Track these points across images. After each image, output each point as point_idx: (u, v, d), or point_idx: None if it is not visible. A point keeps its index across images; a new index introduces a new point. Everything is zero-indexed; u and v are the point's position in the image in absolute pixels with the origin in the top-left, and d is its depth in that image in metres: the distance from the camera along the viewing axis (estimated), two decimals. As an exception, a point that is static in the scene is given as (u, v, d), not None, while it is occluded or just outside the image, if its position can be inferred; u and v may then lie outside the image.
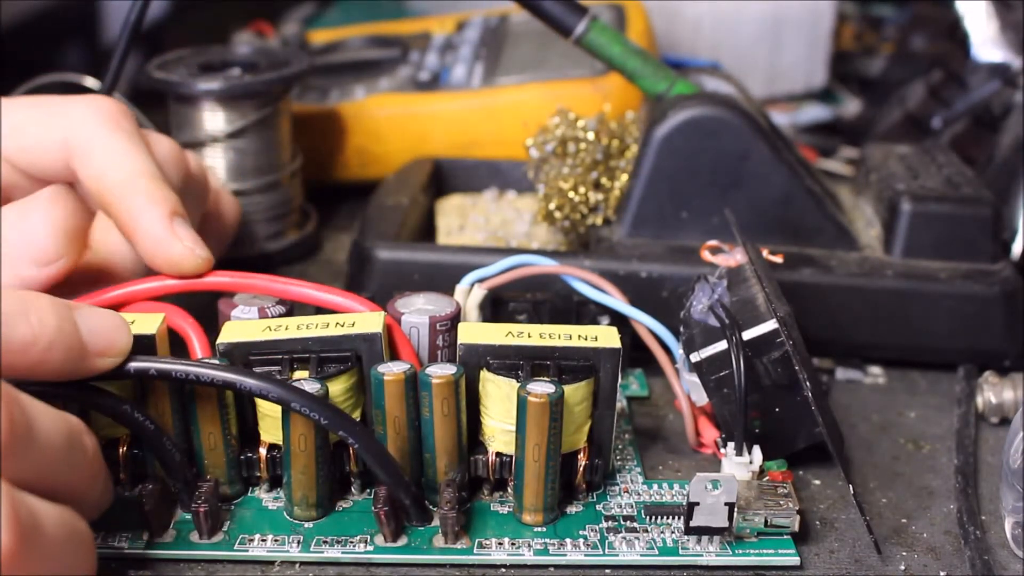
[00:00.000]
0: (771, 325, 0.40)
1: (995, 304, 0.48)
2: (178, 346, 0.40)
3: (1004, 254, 0.51)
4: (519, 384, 0.37)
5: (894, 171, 0.54)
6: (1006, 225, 0.53)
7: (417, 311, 0.41)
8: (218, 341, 0.38)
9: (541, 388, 0.37)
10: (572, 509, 0.40)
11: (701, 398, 0.42)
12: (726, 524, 0.38)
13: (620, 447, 0.43)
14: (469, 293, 0.45)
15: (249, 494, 0.40)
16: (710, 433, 0.43)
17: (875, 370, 0.50)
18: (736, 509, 0.37)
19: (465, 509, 0.39)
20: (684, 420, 0.44)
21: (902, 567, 0.39)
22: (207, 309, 0.42)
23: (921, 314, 0.49)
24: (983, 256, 0.50)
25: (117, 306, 0.41)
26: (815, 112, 0.76)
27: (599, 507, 0.40)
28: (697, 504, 0.37)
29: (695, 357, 0.41)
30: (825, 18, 0.75)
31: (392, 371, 0.37)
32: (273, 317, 0.41)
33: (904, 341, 0.50)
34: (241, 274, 0.42)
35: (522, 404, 0.37)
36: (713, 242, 0.46)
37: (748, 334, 0.40)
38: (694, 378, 0.42)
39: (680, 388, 0.44)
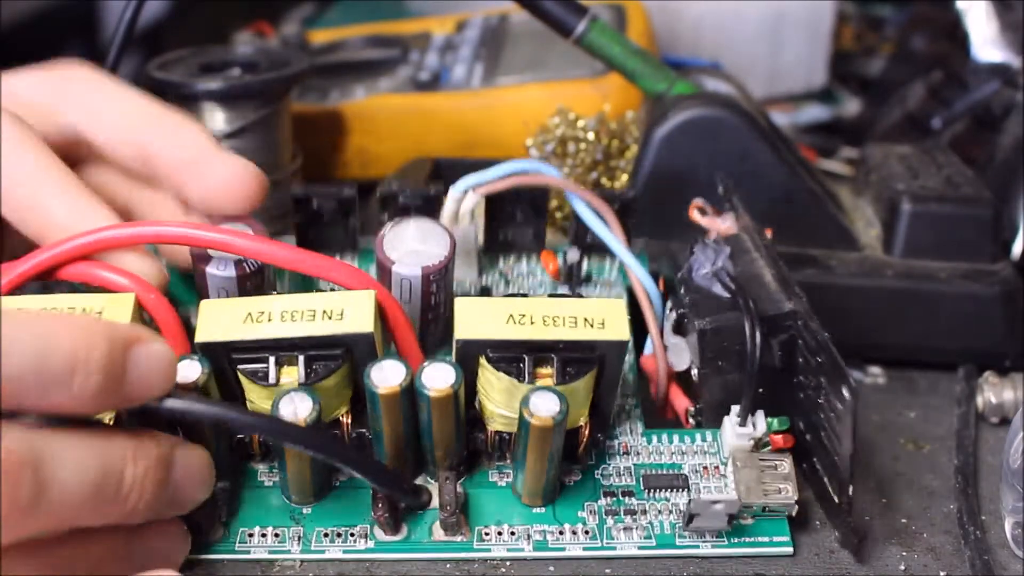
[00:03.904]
0: (787, 307, 0.39)
1: (995, 304, 0.48)
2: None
3: (1004, 254, 0.51)
4: (521, 391, 0.36)
5: (894, 171, 0.54)
6: (1006, 225, 0.53)
7: (409, 256, 0.39)
8: (197, 339, 0.36)
9: (545, 405, 0.35)
10: (571, 478, 0.39)
11: (680, 362, 0.41)
12: (726, 527, 0.38)
13: (621, 395, 0.42)
14: (462, 200, 0.43)
15: (247, 487, 0.40)
16: (680, 401, 0.42)
17: (875, 370, 0.50)
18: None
19: (462, 481, 0.39)
20: (654, 382, 0.42)
21: (902, 567, 0.39)
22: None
23: (921, 314, 0.49)
24: (983, 256, 0.50)
25: (48, 272, 0.38)
26: (815, 112, 0.76)
27: (598, 473, 0.40)
28: (697, 515, 0.37)
29: (701, 324, 0.39)
30: (825, 18, 0.75)
31: (387, 384, 0.35)
32: (251, 272, 0.39)
33: (904, 341, 0.50)
34: (206, 227, 0.39)
35: (525, 423, 0.35)
36: (699, 200, 0.44)
37: (762, 312, 0.39)
38: (677, 340, 0.41)
39: (660, 348, 0.42)
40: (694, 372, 0.41)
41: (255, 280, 0.40)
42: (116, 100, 0.42)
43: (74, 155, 0.44)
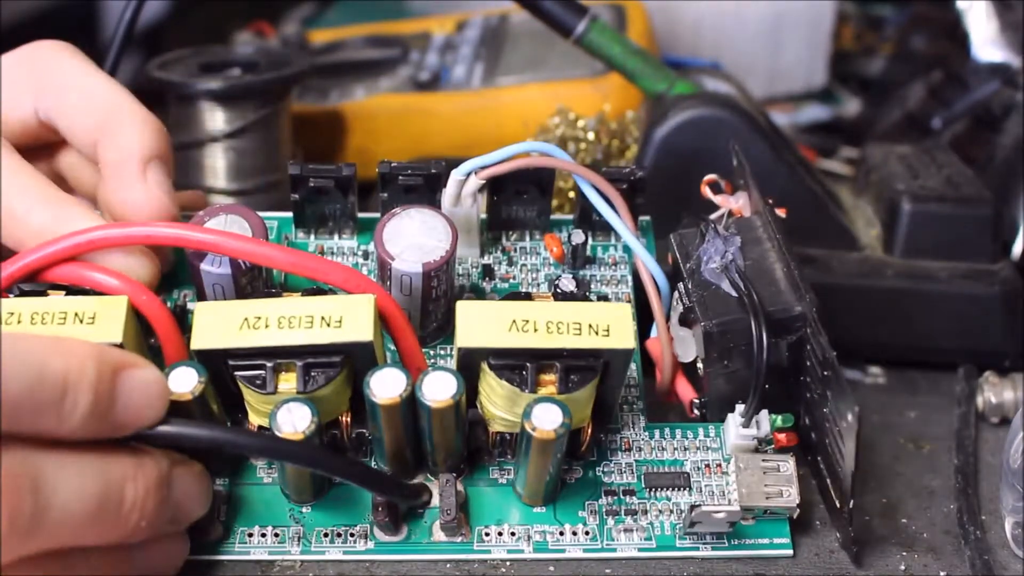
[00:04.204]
0: (798, 310, 0.39)
1: (995, 304, 0.48)
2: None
3: (1004, 254, 0.51)
4: (524, 400, 0.35)
5: (894, 171, 0.54)
6: (1006, 225, 0.53)
7: (409, 250, 0.38)
8: (192, 346, 0.36)
9: (548, 418, 0.35)
10: (572, 476, 0.39)
11: (687, 354, 0.41)
12: (728, 530, 0.38)
13: (624, 386, 0.41)
14: (465, 182, 0.42)
15: (247, 486, 0.39)
16: (686, 391, 0.42)
17: (875, 370, 0.50)
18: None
19: (463, 478, 0.39)
20: (659, 366, 0.42)
21: (902, 567, 0.39)
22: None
23: (921, 314, 0.49)
24: (983, 256, 0.50)
25: (36, 273, 0.37)
26: (815, 112, 0.76)
27: (599, 470, 0.40)
28: (699, 523, 0.37)
29: (707, 325, 0.39)
30: (825, 18, 0.75)
31: (388, 395, 0.35)
32: (247, 269, 0.39)
33: (904, 341, 0.50)
34: (199, 228, 0.38)
35: (527, 435, 0.35)
36: (713, 176, 0.43)
37: (770, 314, 0.38)
38: (684, 333, 0.41)
39: (666, 336, 0.42)
40: (699, 366, 0.41)
41: (251, 276, 0.40)
42: (78, 86, 0.42)
43: (51, 137, 0.43)
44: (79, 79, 0.42)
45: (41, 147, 0.44)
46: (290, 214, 0.44)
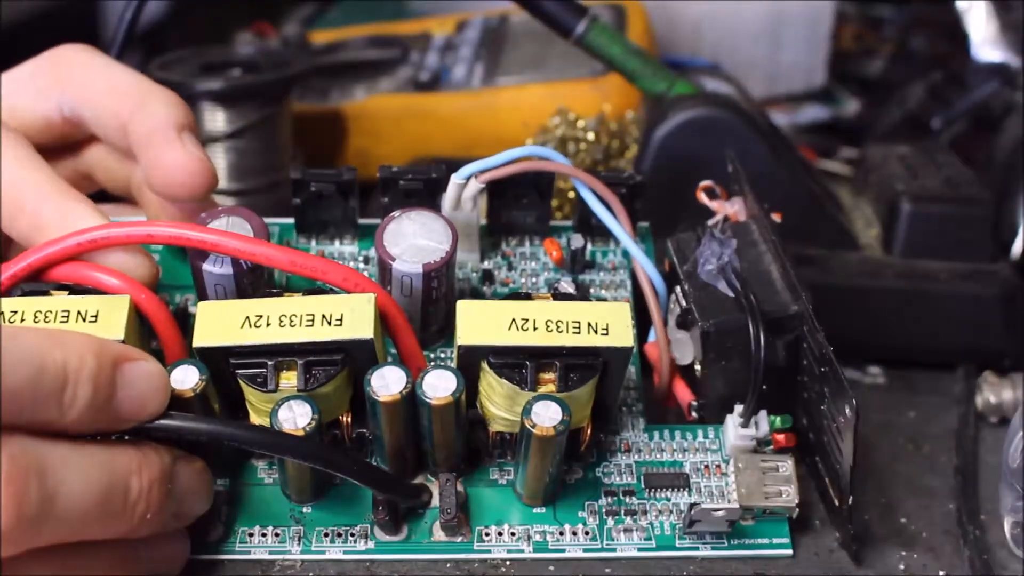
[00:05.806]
0: (794, 309, 0.39)
1: (995, 304, 0.48)
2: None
3: (1004, 254, 0.51)
4: (524, 398, 0.36)
5: (894, 171, 0.54)
6: (1006, 225, 0.53)
7: (409, 251, 0.38)
8: (194, 344, 0.36)
9: (547, 415, 0.35)
10: (572, 477, 0.39)
11: (684, 356, 0.41)
12: (727, 529, 0.38)
13: (623, 388, 0.41)
14: (465, 186, 0.42)
15: (247, 486, 0.39)
16: (684, 394, 0.42)
17: (875, 370, 0.50)
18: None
19: (463, 479, 0.39)
20: (657, 371, 0.42)
21: (902, 567, 0.39)
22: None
23: (921, 314, 0.49)
24: (983, 256, 0.50)
25: (39, 272, 0.38)
26: (815, 112, 0.76)
27: (599, 471, 0.40)
28: (699, 521, 0.37)
29: (704, 325, 0.39)
30: (825, 18, 0.75)
31: (388, 392, 0.35)
32: (248, 269, 0.39)
33: (904, 341, 0.50)
34: (198, 227, 0.38)
35: (526, 432, 0.35)
36: (708, 182, 0.44)
37: (766, 314, 0.39)
38: (681, 335, 0.41)
39: (664, 339, 0.42)
40: (697, 367, 0.41)
41: (253, 277, 0.40)
42: (102, 76, 0.43)
43: (76, 134, 0.44)
44: (101, 69, 0.43)
45: (66, 146, 0.44)
46: (291, 219, 0.44)
